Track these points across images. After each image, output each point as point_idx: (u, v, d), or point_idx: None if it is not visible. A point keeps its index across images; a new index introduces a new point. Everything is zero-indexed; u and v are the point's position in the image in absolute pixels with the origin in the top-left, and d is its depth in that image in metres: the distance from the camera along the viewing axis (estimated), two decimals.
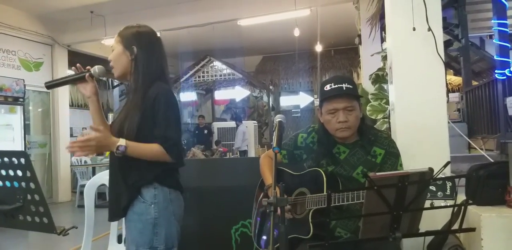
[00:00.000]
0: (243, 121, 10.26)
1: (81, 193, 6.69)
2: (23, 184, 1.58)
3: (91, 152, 1.55)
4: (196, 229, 2.42)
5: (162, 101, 1.58)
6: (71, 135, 7.96)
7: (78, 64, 1.71)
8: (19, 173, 1.58)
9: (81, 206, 6.48)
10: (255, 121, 10.97)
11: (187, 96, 11.39)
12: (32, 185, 1.57)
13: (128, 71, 1.69)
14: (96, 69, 1.68)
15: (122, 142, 1.54)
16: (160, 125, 1.57)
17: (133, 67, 1.66)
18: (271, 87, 10.81)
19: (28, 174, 1.56)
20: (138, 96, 1.62)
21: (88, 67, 1.70)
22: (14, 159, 1.55)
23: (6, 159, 1.57)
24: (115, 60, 1.69)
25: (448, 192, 1.28)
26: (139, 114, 1.58)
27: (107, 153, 7.28)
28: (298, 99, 11.38)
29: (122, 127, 1.60)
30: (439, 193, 1.28)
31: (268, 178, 1.85)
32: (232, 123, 10.55)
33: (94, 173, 7.01)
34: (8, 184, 1.61)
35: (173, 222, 1.63)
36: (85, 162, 7.20)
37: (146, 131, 1.58)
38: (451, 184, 1.27)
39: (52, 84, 1.74)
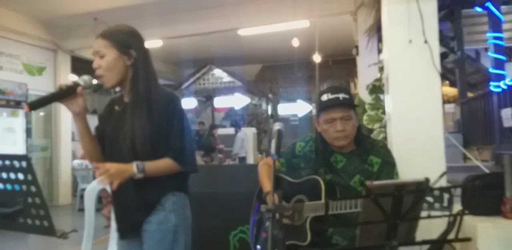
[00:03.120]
0: (242, 128, 10.28)
1: (82, 196, 6.66)
2: (24, 187, 1.59)
3: (121, 178, 1.42)
4: (194, 235, 2.40)
5: (176, 110, 1.53)
6: (73, 139, 7.95)
7: (61, 83, 1.52)
8: (20, 176, 1.59)
9: (82, 210, 6.42)
10: (254, 129, 11.00)
11: (187, 103, 11.42)
12: (33, 188, 1.58)
13: (124, 78, 1.54)
14: (85, 78, 1.52)
15: (135, 162, 1.45)
16: (174, 135, 1.51)
17: (132, 73, 1.53)
18: (270, 95, 10.86)
19: (29, 177, 1.57)
20: (143, 106, 1.50)
21: (73, 80, 1.53)
22: (15, 162, 1.57)
23: (7, 162, 1.59)
24: (108, 68, 1.51)
25: (445, 204, 1.29)
26: (151, 126, 1.48)
27: None
28: (296, 108, 11.42)
29: (133, 141, 1.48)
30: (436, 205, 1.30)
31: (267, 185, 1.86)
32: (231, 130, 10.55)
33: (94, 177, 6.97)
34: (9, 187, 1.62)
35: (189, 227, 1.61)
36: (86, 166, 7.19)
37: (159, 142, 1.50)
38: (448, 196, 1.29)
39: (37, 104, 1.47)
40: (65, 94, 1.48)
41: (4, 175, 1.61)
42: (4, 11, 6.51)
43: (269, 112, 10.77)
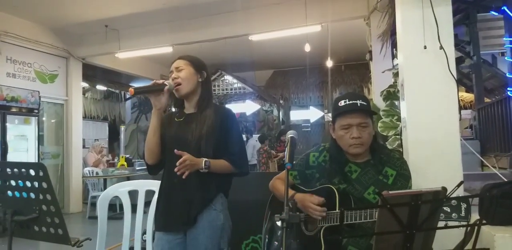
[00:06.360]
0: (253, 135, 10.25)
1: (92, 204, 6.70)
2: (39, 195, 1.61)
3: (192, 169, 1.71)
4: None
5: (233, 121, 1.89)
6: (83, 146, 8.02)
7: (155, 80, 1.84)
8: (36, 184, 1.61)
9: (92, 217, 6.49)
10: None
11: None
12: (48, 197, 1.60)
13: (193, 92, 1.88)
14: (170, 82, 1.84)
15: (203, 158, 1.74)
16: (231, 142, 1.84)
17: (202, 88, 1.90)
18: (281, 101, 10.83)
19: (45, 185, 1.59)
20: (209, 115, 1.83)
21: (162, 80, 1.85)
22: (31, 171, 1.59)
23: (23, 170, 1.61)
24: (186, 78, 1.85)
25: (462, 213, 1.27)
26: (214, 131, 1.79)
27: (119, 165, 7.25)
28: (308, 114, 11.33)
29: (199, 145, 1.79)
30: (453, 214, 1.28)
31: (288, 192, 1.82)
32: None
33: (105, 184, 7.03)
34: (24, 195, 1.65)
35: (231, 226, 1.87)
36: (97, 173, 7.25)
37: (218, 144, 1.81)
38: (465, 205, 1.26)
39: (139, 91, 1.85)
40: (156, 89, 1.82)
41: (20, 183, 1.63)
42: (16, 19, 6.62)
43: (281, 118, 10.74)
